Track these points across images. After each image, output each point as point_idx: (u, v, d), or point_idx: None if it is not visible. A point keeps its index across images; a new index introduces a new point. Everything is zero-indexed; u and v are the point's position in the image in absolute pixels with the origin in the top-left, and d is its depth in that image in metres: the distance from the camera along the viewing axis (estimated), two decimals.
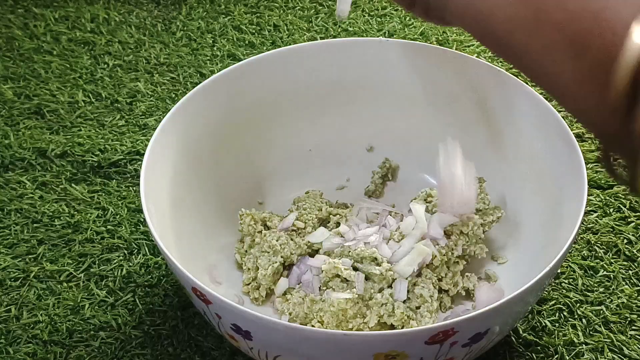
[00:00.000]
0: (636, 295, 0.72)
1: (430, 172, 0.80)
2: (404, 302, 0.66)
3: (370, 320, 0.66)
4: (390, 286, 0.67)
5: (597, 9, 0.33)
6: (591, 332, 0.70)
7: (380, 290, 0.67)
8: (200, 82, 0.76)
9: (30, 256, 0.78)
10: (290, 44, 0.99)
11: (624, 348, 0.69)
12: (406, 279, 0.67)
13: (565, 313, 0.71)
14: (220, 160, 0.78)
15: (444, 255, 0.69)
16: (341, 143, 0.83)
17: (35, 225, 0.80)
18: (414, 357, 0.57)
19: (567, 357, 0.68)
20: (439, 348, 0.57)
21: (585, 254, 0.76)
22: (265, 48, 1.01)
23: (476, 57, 0.86)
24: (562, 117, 0.70)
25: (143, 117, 0.92)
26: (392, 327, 0.66)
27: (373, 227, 0.72)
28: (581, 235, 0.77)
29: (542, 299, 0.72)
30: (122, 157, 0.87)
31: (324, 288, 0.69)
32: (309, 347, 0.58)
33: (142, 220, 0.80)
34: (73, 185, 0.84)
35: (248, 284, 0.72)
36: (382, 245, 0.68)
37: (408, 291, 0.67)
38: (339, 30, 1.04)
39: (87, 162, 0.86)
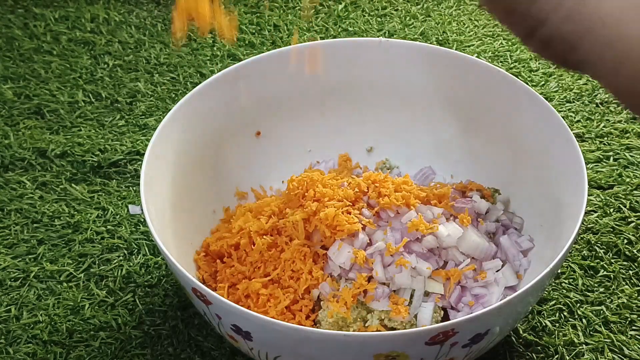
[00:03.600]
0: (636, 295, 0.72)
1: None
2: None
3: (372, 325, 0.65)
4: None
5: None
6: (591, 332, 0.70)
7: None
8: (200, 82, 0.76)
9: (30, 256, 0.78)
10: (290, 44, 0.99)
11: (624, 348, 0.69)
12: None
13: (565, 313, 0.71)
14: (220, 161, 0.78)
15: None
16: (341, 143, 0.83)
17: (35, 225, 0.80)
18: (414, 357, 0.57)
19: (568, 357, 0.68)
20: (439, 349, 0.57)
21: (586, 254, 0.76)
22: (265, 48, 1.01)
23: (476, 57, 0.86)
24: (562, 117, 0.70)
25: (143, 117, 0.92)
26: (393, 329, 0.66)
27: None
28: (581, 235, 0.77)
29: (543, 299, 0.72)
30: (122, 157, 0.87)
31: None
32: (310, 348, 0.58)
33: (142, 220, 0.80)
34: (73, 185, 0.84)
35: None
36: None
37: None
38: (339, 30, 1.04)
39: (87, 162, 0.86)
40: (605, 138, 0.87)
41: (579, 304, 0.72)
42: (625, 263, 0.75)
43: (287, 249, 0.67)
